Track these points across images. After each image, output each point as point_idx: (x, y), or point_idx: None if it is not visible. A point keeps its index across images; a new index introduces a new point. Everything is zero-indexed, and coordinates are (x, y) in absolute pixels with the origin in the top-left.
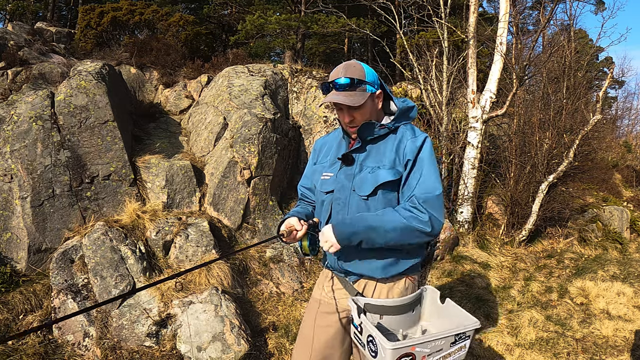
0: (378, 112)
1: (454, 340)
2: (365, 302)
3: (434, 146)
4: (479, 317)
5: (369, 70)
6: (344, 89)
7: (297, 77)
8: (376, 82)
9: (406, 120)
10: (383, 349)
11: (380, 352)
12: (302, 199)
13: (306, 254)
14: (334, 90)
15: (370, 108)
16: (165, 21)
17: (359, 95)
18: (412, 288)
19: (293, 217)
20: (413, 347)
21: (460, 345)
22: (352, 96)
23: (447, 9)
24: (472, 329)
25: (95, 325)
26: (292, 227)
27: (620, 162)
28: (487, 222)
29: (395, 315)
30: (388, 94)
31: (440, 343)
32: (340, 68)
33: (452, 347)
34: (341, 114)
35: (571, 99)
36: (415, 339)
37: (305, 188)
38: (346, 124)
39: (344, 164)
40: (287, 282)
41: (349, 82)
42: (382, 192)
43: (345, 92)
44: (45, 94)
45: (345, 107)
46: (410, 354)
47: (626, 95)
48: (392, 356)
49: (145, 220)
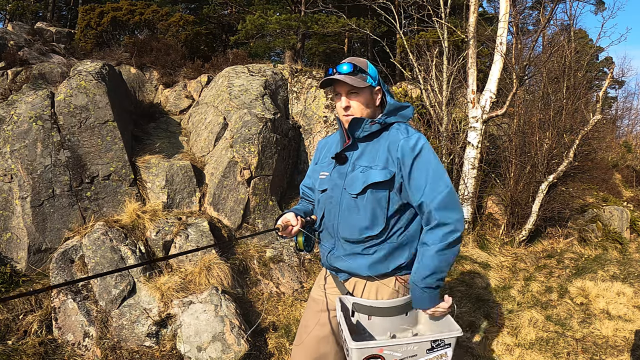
0: (375, 109)
1: (430, 347)
2: (353, 301)
3: (433, 146)
4: (479, 317)
5: (372, 66)
6: (347, 73)
7: (297, 77)
8: (377, 78)
9: (398, 119)
10: (350, 348)
11: (349, 351)
12: (303, 197)
13: (300, 249)
14: (337, 74)
15: (368, 99)
16: (165, 21)
17: (360, 80)
18: (403, 290)
19: (290, 213)
20: (381, 350)
21: (440, 353)
22: (353, 79)
23: (447, 9)
24: (453, 337)
25: (95, 325)
26: (288, 222)
27: (620, 162)
28: (487, 222)
29: (385, 317)
30: (387, 95)
31: (413, 348)
32: (345, 59)
33: (428, 354)
34: (339, 99)
35: (571, 99)
36: (383, 342)
37: (306, 187)
38: (342, 113)
39: (338, 162)
40: (287, 282)
41: (351, 68)
42: (371, 192)
43: (347, 75)
44: (45, 94)
45: (344, 91)
46: (378, 356)
47: (626, 95)
48: (357, 355)
49: (145, 220)
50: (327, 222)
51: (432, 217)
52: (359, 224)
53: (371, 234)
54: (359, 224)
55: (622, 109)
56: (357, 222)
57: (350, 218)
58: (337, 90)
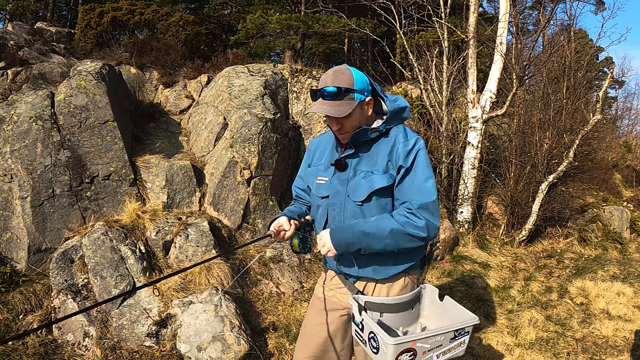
0: (368, 118)
1: (453, 336)
2: (365, 300)
3: (433, 146)
4: (479, 317)
5: (359, 76)
6: (331, 98)
7: (297, 77)
8: (366, 88)
9: (398, 122)
10: (385, 344)
11: (382, 348)
12: (296, 199)
13: (296, 251)
14: (321, 99)
15: (359, 116)
16: (165, 21)
17: (346, 105)
18: (411, 286)
19: (283, 217)
20: (414, 343)
21: (460, 340)
22: (339, 106)
23: (447, 9)
24: (472, 325)
25: (95, 325)
26: (281, 227)
27: (620, 162)
28: (487, 222)
29: (396, 313)
30: (379, 95)
31: (440, 339)
32: (329, 74)
33: (451, 342)
34: (330, 121)
35: (571, 99)
36: (416, 335)
37: (299, 189)
38: (335, 131)
39: (337, 169)
40: (287, 282)
41: (335, 91)
42: (376, 198)
43: (332, 101)
44: (45, 94)
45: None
46: (411, 350)
47: (626, 95)
48: (393, 351)
49: (145, 220)
50: None
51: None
52: None
53: None
54: None
55: (622, 109)
56: None
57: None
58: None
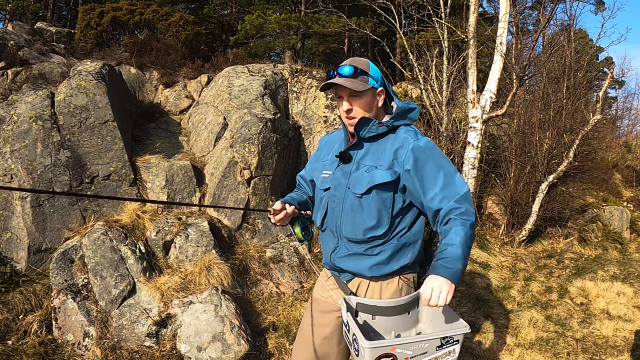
0: (378, 110)
1: (440, 344)
2: (357, 301)
3: None
4: (479, 317)
5: (374, 66)
6: (347, 76)
7: (297, 77)
8: (379, 79)
9: (406, 121)
10: (362, 347)
11: (360, 351)
12: (298, 187)
13: (300, 240)
14: (337, 77)
15: (370, 101)
16: (165, 21)
17: (360, 83)
18: (406, 289)
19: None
20: (393, 348)
21: (448, 349)
22: (353, 82)
23: (447, 9)
24: (461, 334)
25: (95, 325)
26: (282, 207)
27: (620, 162)
28: (487, 222)
29: (389, 316)
30: (390, 95)
31: (424, 346)
32: (346, 61)
33: (438, 351)
34: (340, 102)
35: (571, 99)
36: (395, 340)
37: (302, 178)
38: (345, 115)
39: (342, 161)
40: (287, 282)
41: (352, 71)
42: (377, 192)
43: (348, 78)
44: (45, 94)
45: (346, 95)
46: (390, 355)
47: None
48: (370, 355)
49: (145, 220)
50: (330, 221)
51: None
52: (363, 223)
53: (375, 234)
54: (363, 223)
55: (622, 109)
56: (362, 221)
57: (354, 217)
58: (338, 93)
